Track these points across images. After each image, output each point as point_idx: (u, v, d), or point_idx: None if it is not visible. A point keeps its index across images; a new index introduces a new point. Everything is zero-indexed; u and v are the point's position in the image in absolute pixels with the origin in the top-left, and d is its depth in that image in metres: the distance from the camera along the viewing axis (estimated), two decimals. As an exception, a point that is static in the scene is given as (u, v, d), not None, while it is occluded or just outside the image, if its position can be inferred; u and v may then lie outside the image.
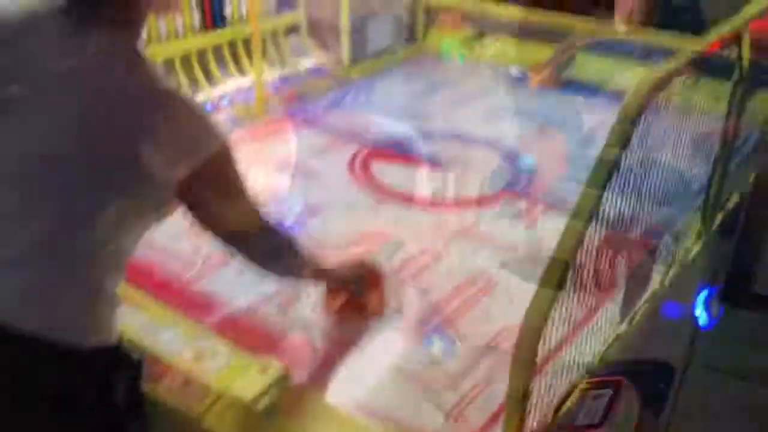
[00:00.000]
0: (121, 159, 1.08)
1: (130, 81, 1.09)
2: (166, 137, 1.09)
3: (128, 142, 1.07)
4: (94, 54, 1.08)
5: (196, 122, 1.13)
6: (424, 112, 3.14)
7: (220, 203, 1.22)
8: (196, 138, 1.12)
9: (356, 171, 2.62)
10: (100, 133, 1.07)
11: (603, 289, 1.63)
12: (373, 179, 2.56)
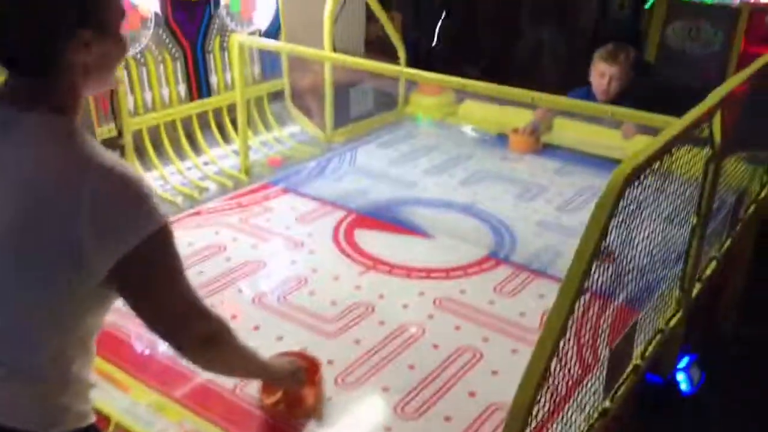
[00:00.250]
0: (57, 241, 1.07)
1: (63, 162, 1.08)
2: (100, 216, 1.06)
3: (62, 224, 1.06)
4: (27, 138, 1.09)
5: (132, 202, 1.09)
6: (406, 178, 3.20)
7: (152, 290, 1.16)
8: (131, 217, 1.08)
9: (340, 239, 2.65)
10: (34, 216, 1.07)
11: (586, 363, 1.66)
12: (357, 248, 2.59)
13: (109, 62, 1.16)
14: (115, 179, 1.08)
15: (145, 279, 1.13)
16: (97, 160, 1.08)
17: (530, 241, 2.66)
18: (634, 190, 1.45)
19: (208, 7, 3.25)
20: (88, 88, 1.15)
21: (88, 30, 1.08)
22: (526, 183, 3.17)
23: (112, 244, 1.07)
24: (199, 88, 3.27)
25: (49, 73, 1.09)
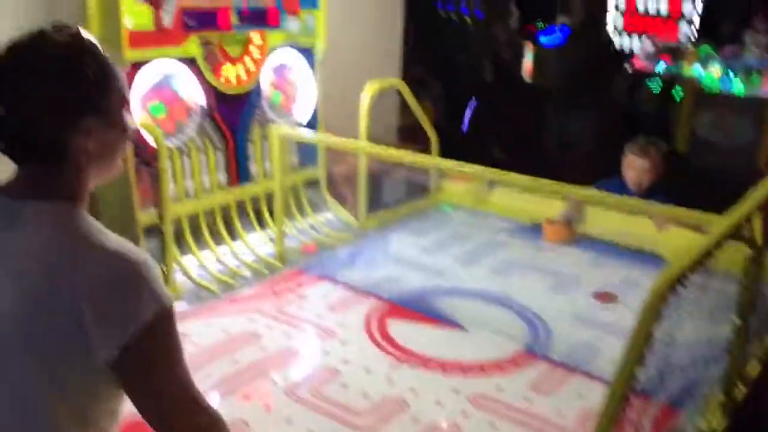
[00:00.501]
0: (64, 330, 1.06)
1: (63, 249, 1.08)
2: (101, 302, 1.06)
3: (67, 313, 1.06)
4: (29, 227, 1.10)
5: (132, 286, 1.08)
6: (438, 267, 3.21)
7: (151, 376, 1.13)
8: (131, 302, 1.07)
9: (373, 330, 2.64)
10: (39, 307, 1.07)
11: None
12: (390, 339, 2.57)
13: (112, 149, 1.18)
14: (114, 263, 1.08)
15: (145, 364, 1.11)
16: (97, 245, 1.09)
17: (566, 336, 2.63)
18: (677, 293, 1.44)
19: (250, 100, 3.38)
20: (92, 175, 1.17)
21: (90, 118, 1.10)
22: (560, 274, 3.15)
23: (114, 330, 1.06)
24: (238, 176, 3.36)
25: (53, 161, 1.11)
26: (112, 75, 1.14)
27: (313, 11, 3.55)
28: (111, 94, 1.14)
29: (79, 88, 1.09)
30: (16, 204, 1.11)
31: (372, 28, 4.36)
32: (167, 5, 2.93)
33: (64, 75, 1.08)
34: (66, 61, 1.09)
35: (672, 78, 7.00)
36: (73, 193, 1.14)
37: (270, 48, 3.40)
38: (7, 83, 1.07)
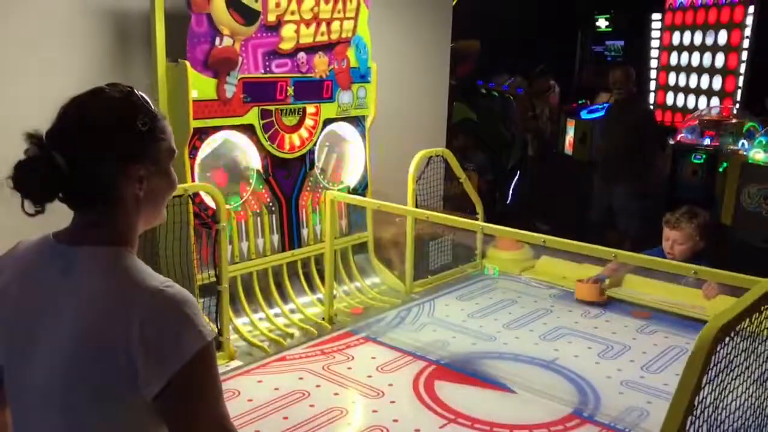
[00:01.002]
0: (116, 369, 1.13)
1: (113, 292, 1.16)
2: (149, 341, 1.12)
3: (119, 354, 1.12)
4: (82, 272, 1.18)
5: (178, 323, 1.15)
6: (485, 331, 3.23)
7: (193, 410, 1.17)
8: (177, 339, 1.14)
9: (420, 390, 2.67)
10: (93, 349, 1.14)
11: None
12: (438, 400, 2.60)
13: (159, 196, 1.27)
14: (160, 303, 1.15)
15: (186, 398, 1.16)
16: (144, 286, 1.17)
17: (615, 401, 2.61)
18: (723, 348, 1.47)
19: (304, 167, 3.55)
20: (141, 221, 1.26)
21: (141, 166, 1.21)
22: (608, 341, 3.15)
23: (161, 367, 1.13)
24: (291, 239, 3.49)
25: (107, 207, 1.21)
26: (161, 128, 1.25)
27: (364, 85, 3.74)
28: (160, 145, 1.25)
29: (132, 138, 1.20)
30: (72, 250, 1.21)
31: (419, 100, 4.55)
32: (230, 78, 3.14)
33: (120, 127, 1.20)
34: (121, 114, 1.20)
35: (716, 151, 7.03)
36: (124, 238, 1.23)
37: (323, 119, 3.58)
38: (68, 136, 1.18)
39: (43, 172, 1.15)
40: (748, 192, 6.55)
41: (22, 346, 1.21)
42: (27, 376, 1.21)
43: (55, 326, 1.17)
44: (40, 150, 1.16)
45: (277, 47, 3.31)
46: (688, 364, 1.36)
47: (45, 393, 1.19)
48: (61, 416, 1.19)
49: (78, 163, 1.16)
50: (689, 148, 7.22)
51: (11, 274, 1.25)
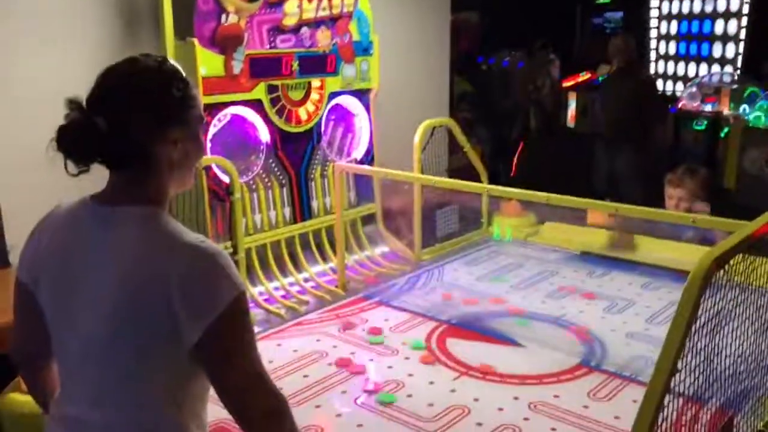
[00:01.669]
0: (156, 317, 1.22)
1: (153, 246, 1.25)
2: (188, 290, 1.21)
3: (159, 302, 1.21)
4: (122, 228, 1.26)
5: (214, 274, 1.23)
6: (493, 293, 3.33)
7: (230, 356, 1.25)
8: (214, 289, 1.22)
9: (433, 348, 2.78)
10: (135, 298, 1.23)
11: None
12: (450, 356, 2.70)
13: (191, 160, 1.35)
14: (198, 256, 1.24)
15: (223, 345, 1.24)
16: (181, 241, 1.25)
17: (620, 351, 2.71)
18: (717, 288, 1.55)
19: (311, 140, 3.64)
20: (172, 183, 1.34)
21: (176, 129, 1.29)
22: (613, 297, 3.24)
23: (199, 315, 1.21)
24: (302, 211, 3.59)
25: (142, 168, 1.29)
26: (192, 95, 1.34)
27: (367, 58, 3.82)
28: (192, 111, 1.33)
29: (168, 103, 1.29)
30: (109, 209, 1.29)
31: (421, 72, 4.62)
32: (237, 55, 3.23)
33: (156, 92, 1.28)
34: (157, 80, 1.29)
35: (718, 117, 7.08)
36: (158, 198, 1.32)
37: (328, 92, 3.67)
38: (107, 100, 1.26)
39: (84, 135, 1.23)
40: (750, 156, 6.62)
41: (65, 302, 1.31)
42: (71, 329, 1.30)
43: (97, 281, 1.26)
44: (81, 114, 1.24)
45: (280, 23, 3.39)
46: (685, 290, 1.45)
47: (88, 345, 1.28)
48: (104, 366, 1.28)
49: (117, 126, 1.24)
50: (691, 115, 7.28)
51: (51, 234, 1.34)
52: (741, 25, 7.94)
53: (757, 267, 1.78)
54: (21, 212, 2.97)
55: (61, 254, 1.32)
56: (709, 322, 1.59)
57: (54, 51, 3.02)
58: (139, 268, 1.24)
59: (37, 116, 2.99)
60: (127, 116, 1.25)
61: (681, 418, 1.65)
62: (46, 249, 1.34)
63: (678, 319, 1.45)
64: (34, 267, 1.34)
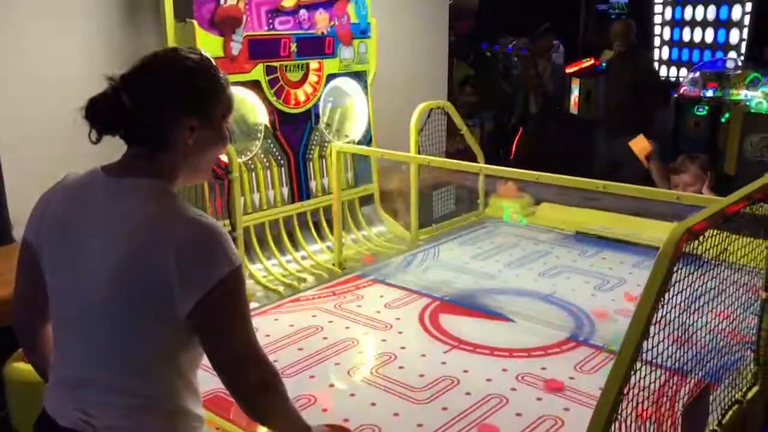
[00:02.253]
0: (153, 281, 1.28)
1: (156, 215, 1.32)
2: (185, 260, 1.27)
3: (156, 267, 1.28)
4: (131, 197, 1.34)
5: (211, 247, 1.30)
6: (486, 271, 3.40)
7: (223, 327, 1.32)
8: (210, 261, 1.29)
9: (426, 323, 2.85)
10: (135, 260, 1.29)
11: (665, 430, 1.76)
12: (442, 330, 2.77)
13: (207, 148, 1.41)
14: (196, 229, 1.31)
15: (216, 316, 1.31)
16: (182, 214, 1.32)
17: (609, 327, 2.77)
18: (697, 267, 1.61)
19: (310, 122, 3.70)
20: (183, 169, 1.40)
21: (196, 117, 1.37)
22: (605, 276, 3.31)
23: (194, 286, 1.28)
24: (299, 191, 3.66)
25: (158, 147, 1.37)
26: (221, 91, 1.42)
27: (365, 40, 3.87)
28: (217, 104, 1.42)
29: (192, 92, 1.38)
30: (119, 180, 1.37)
31: (419, 55, 4.66)
32: (236, 36, 3.28)
33: (183, 80, 1.38)
34: (186, 70, 1.38)
35: (719, 103, 7.09)
36: (168, 176, 1.39)
37: (326, 74, 3.72)
38: (136, 80, 1.36)
39: (109, 108, 1.34)
40: (750, 141, 6.64)
41: (66, 267, 1.37)
42: (71, 293, 1.37)
43: (99, 248, 1.33)
44: (112, 89, 1.35)
45: (279, 5, 3.44)
46: (657, 260, 1.51)
47: (87, 308, 1.35)
48: (100, 331, 1.35)
49: (140, 104, 1.34)
50: (692, 101, 7.30)
51: (60, 200, 1.41)
52: (745, 11, 7.93)
53: (733, 244, 1.83)
54: (24, 189, 3.06)
55: (66, 220, 1.38)
56: (683, 294, 1.65)
57: (55, 34, 3.09)
58: (139, 236, 1.31)
59: (41, 97, 3.08)
60: (150, 97, 1.35)
61: (663, 388, 1.72)
62: (53, 214, 1.41)
63: (650, 285, 1.51)
64: (41, 230, 1.41)
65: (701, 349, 1.88)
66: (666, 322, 1.62)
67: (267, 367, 1.39)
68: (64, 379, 1.41)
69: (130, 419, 1.35)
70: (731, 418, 1.99)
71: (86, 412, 1.35)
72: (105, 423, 1.35)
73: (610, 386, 1.44)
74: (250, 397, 1.38)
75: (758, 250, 2.05)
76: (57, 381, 1.43)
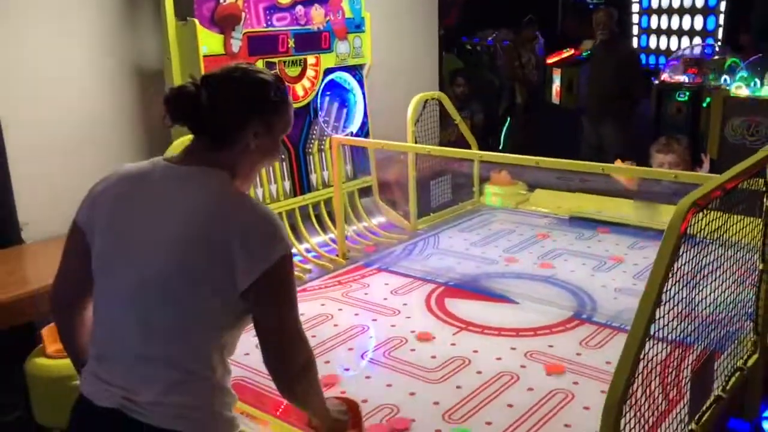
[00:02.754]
0: (218, 259, 1.39)
1: (222, 200, 1.45)
2: (248, 242, 1.39)
3: (221, 246, 1.39)
4: (198, 182, 1.45)
5: (271, 232, 1.43)
6: (487, 256, 3.48)
7: (275, 306, 1.44)
8: (270, 244, 1.41)
9: (433, 307, 2.93)
10: (200, 239, 1.40)
11: (672, 398, 1.86)
12: (449, 313, 2.85)
13: (262, 155, 1.55)
14: (259, 215, 1.45)
15: (270, 295, 1.43)
16: (246, 201, 1.47)
17: (610, 305, 2.88)
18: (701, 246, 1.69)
19: (309, 116, 3.76)
20: (243, 168, 1.53)
21: (260, 124, 1.51)
22: (602, 257, 3.41)
23: (255, 263, 1.39)
24: (301, 185, 3.72)
25: (222, 142, 1.50)
26: (285, 109, 1.57)
27: (359, 34, 3.93)
28: (280, 118, 1.55)
29: (260, 101, 1.52)
30: (182, 167, 1.49)
31: (412, 48, 4.74)
32: (235, 33, 3.33)
33: (257, 89, 1.51)
34: (259, 81, 1.52)
35: (700, 88, 7.24)
36: (230, 169, 1.50)
37: (324, 68, 3.78)
38: (217, 81, 1.49)
39: (187, 99, 1.46)
40: (731, 125, 6.79)
41: (125, 243, 1.45)
42: (128, 269, 1.44)
43: (166, 224, 1.42)
44: (194, 85, 1.48)
45: (276, 1, 3.49)
46: (666, 235, 1.60)
47: (146, 283, 1.42)
48: (160, 302, 1.42)
49: (217, 103, 1.47)
50: (673, 87, 7.44)
51: (118, 182, 1.51)
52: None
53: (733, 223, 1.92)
54: (32, 191, 3.10)
55: (127, 200, 1.48)
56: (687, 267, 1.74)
57: (56, 35, 3.12)
58: (206, 215, 1.42)
59: (44, 98, 3.11)
60: (226, 98, 1.48)
61: (668, 358, 1.81)
62: (111, 196, 1.50)
63: (660, 258, 1.59)
64: (95, 210, 1.50)
65: (704, 320, 1.97)
66: (671, 295, 1.71)
67: (309, 350, 1.53)
68: (109, 356, 1.47)
69: (173, 394, 1.42)
70: (733, 385, 2.10)
71: (129, 389, 1.42)
72: (148, 398, 1.41)
73: (624, 362, 1.52)
74: (294, 372, 1.49)
75: (752, 225, 2.15)
76: (99, 360, 1.48)
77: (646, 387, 1.69)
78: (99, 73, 3.26)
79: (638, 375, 1.58)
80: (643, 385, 1.65)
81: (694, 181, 2.52)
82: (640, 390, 1.64)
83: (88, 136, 3.21)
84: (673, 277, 1.65)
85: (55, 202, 2.84)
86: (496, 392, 2.27)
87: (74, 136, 3.18)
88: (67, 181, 2.93)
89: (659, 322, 1.65)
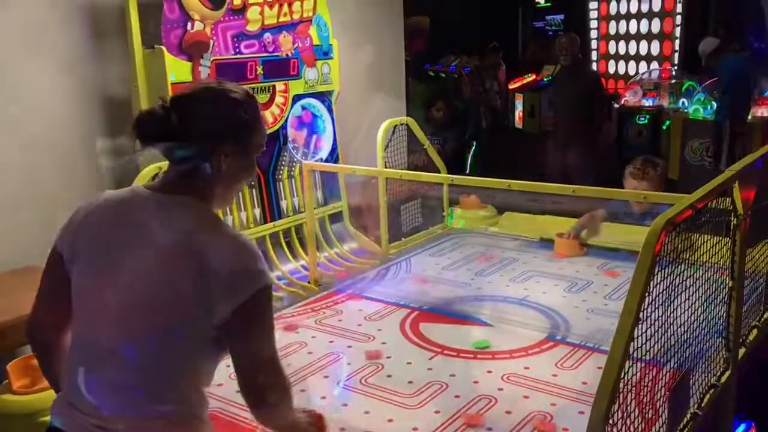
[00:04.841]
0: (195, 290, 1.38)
1: (198, 228, 1.43)
2: (226, 272, 1.37)
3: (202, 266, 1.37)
4: (173, 211, 1.44)
5: (249, 263, 1.42)
6: (459, 280, 3.49)
7: (252, 336, 1.41)
8: (248, 274, 1.40)
9: (407, 332, 2.91)
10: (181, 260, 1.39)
11: (648, 418, 1.86)
12: (424, 338, 2.84)
13: (236, 177, 1.53)
14: (237, 245, 1.43)
15: (247, 326, 1.41)
16: (225, 231, 1.46)
17: (583, 325, 2.90)
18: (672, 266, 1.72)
19: (278, 142, 3.75)
20: (220, 189, 1.51)
21: (231, 145, 1.48)
22: (573, 278, 3.44)
23: (231, 296, 1.38)
24: (271, 212, 3.69)
25: (199, 168, 1.47)
26: (257, 127, 1.55)
27: (327, 61, 3.95)
28: (252, 138, 1.54)
29: (230, 120, 1.49)
30: (161, 195, 1.48)
31: (379, 74, 4.78)
32: (204, 61, 3.32)
33: (225, 108, 1.49)
34: (229, 100, 1.50)
35: (659, 111, 7.44)
36: (206, 196, 1.49)
37: (292, 95, 3.79)
38: (185, 102, 1.47)
39: (156, 122, 1.44)
40: (691, 146, 6.98)
41: (104, 271, 1.43)
42: (109, 299, 1.41)
43: (143, 251, 1.40)
44: (162, 108, 1.45)
45: (244, 29, 3.50)
46: (642, 254, 1.62)
47: (125, 312, 1.40)
48: (140, 331, 1.39)
49: (184, 123, 1.44)
50: (633, 110, 7.63)
51: (99, 210, 1.49)
52: (676, 23, 8.35)
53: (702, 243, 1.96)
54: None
55: (108, 228, 1.46)
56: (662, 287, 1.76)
57: (26, 65, 3.07)
58: (186, 242, 1.40)
59: (5, 126, 3.04)
60: (195, 119, 1.46)
61: (642, 380, 1.82)
62: (92, 223, 1.47)
63: (636, 278, 1.60)
64: (77, 238, 1.47)
65: (677, 340, 1.99)
66: (652, 317, 1.72)
67: (285, 379, 1.50)
68: (83, 384, 1.43)
69: (147, 424, 1.40)
70: (708, 401, 2.12)
71: (103, 418, 1.39)
72: (121, 428, 1.39)
73: (606, 382, 1.52)
74: (271, 402, 1.46)
75: (719, 246, 2.19)
76: (73, 389, 1.44)
77: (626, 407, 1.69)
78: (64, 101, 3.21)
79: (618, 395, 1.58)
80: (623, 405, 1.65)
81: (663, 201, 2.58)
82: (619, 412, 1.64)
83: (52, 164, 3.14)
84: (648, 296, 1.67)
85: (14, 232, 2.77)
86: (471, 418, 2.25)
87: (36, 165, 3.11)
88: (27, 211, 2.86)
89: (637, 341, 1.66)
